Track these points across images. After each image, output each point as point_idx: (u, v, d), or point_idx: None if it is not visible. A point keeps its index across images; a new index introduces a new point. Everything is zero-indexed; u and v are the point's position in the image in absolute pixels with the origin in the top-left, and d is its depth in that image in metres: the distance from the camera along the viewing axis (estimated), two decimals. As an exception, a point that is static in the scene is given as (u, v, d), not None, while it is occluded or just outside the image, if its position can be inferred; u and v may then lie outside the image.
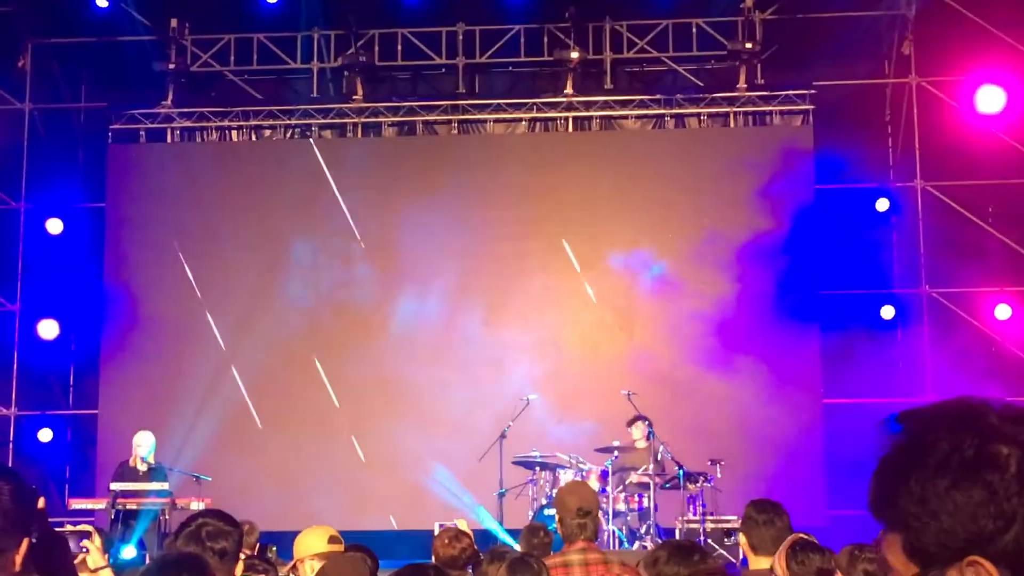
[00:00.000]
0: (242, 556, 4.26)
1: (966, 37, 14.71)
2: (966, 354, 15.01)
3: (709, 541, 11.80)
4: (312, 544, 5.48)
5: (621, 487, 12.43)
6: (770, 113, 15.57)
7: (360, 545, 5.92)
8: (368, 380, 14.98)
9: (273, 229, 15.37)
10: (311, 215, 15.40)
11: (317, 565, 5.40)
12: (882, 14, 15.28)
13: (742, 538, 5.47)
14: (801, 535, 5.03)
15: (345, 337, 15.23)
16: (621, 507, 12.29)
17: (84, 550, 4.07)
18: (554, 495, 10.51)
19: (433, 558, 6.70)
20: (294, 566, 5.53)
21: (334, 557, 5.34)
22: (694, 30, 15.49)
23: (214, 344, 15.08)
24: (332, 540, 5.48)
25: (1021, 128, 14.99)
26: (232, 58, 15.96)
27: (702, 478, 12.28)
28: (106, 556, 4.46)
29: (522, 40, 15.70)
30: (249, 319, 15.10)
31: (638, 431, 12.88)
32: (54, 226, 15.73)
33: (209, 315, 15.16)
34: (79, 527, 4.17)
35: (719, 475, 12.34)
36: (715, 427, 14.09)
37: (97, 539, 4.16)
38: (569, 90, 15.66)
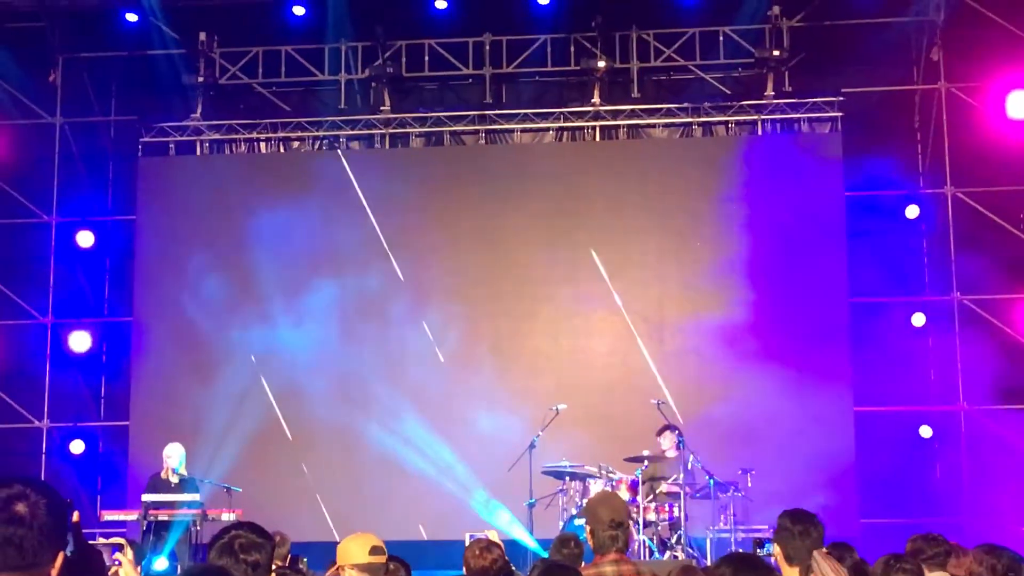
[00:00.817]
0: (273, 568, 4.27)
1: (995, 42, 14.63)
2: (998, 361, 14.89)
3: (740, 551, 11.73)
4: (354, 553, 5.46)
5: (651, 497, 12.38)
6: (798, 120, 15.52)
7: (395, 557, 5.91)
8: (396, 390, 14.99)
9: (302, 240, 15.41)
10: (339, 226, 15.44)
11: (359, 574, 5.40)
12: (910, 20, 15.21)
13: (776, 548, 5.43)
14: (823, 549, 5.04)
15: (374, 347, 15.24)
16: (651, 517, 12.23)
17: (117, 563, 4.09)
18: (584, 505, 10.49)
19: (464, 569, 6.69)
20: (336, 571, 5.53)
21: (372, 570, 5.33)
22: (721, 38, 15.46)
23: (244, 355, 15.13)
24: (374, 551, 5.46)
25: (1052, 133, 14.89)
26: (260, 70, 16.03)
27: (733, 487, 12.22)
28: (138, 568, 4.47)
29: (549, 50, 15.71)
30: (278, 330, 15.15)
31: (667, 441, 12.84)
32: (85, 239, 15.84)
33: (239, 326, 15.21)
34: (112, 540, 4.19)
35: (750, 484, 12.28)
36: (745, 436, 14.02)
37: (129, 552, 4.18)
38: (596, 99, 15.65)
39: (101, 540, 4.18)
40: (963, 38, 14.96)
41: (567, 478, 12.63)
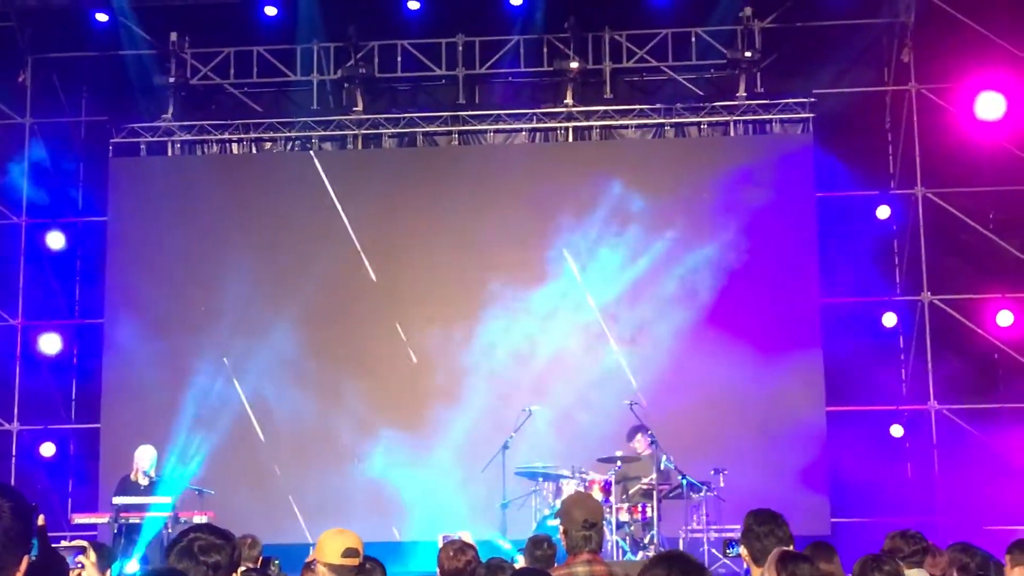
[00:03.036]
0: (241, 569, 4.25)
1: (965, 44, 14.71)
2: (968, 361, 15.00)
3: (712, 551, 11.78)
4: (328, 551, 5.38)
5: (624, 497, 12.40)
6: (770, 121, 15.57)
7: (371, 557, 5.88)
8: (369, 392, 14.96)
9: (274, 241, 15.37)
10: (312, 227, 15.40)
11: (329, 573, 5.35)
12: (881, 22, 15.28)
13: (743, 549, 5.46)
14: (785, 548, 5.07)
15: (347, 349, 15.22)
16: (624, 517, 12.25)
17: (79, 565, 4.06)
18: (558, 506, 10.48)
19: (438, 571, 6.69)
20: (309, 564, 5.49)
21: (342, 572, 5.27)
22: (693, 39, 15.49)
23: (216, 357, 15.06)
24: (348, 553, 5.38)
25: (1021, 134, 14.99)
26: (232, 71, 15.97)
27: (705, 487, 12.24)
28: (108, 572, 4.45)
29: (522, 51, 15.71)
30: (251, 332, 15.08)
31: (640, 443, 12.86)
32: (55, 240, 15.73)
33: (211, 328, 15.14)
34: (74, 543, 4.16)
35: (722, 484, 12.31)
36: (718, 436, 14.07)
37: (92, 555, 4.16)
38: (569, 100, 15.66)
39: (64, 543, 4.15)
40: (933, 40, 15.05)
41: (540, 479, 12.63)
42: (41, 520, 2.62)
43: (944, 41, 14.93)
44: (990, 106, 14.75)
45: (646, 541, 12.18)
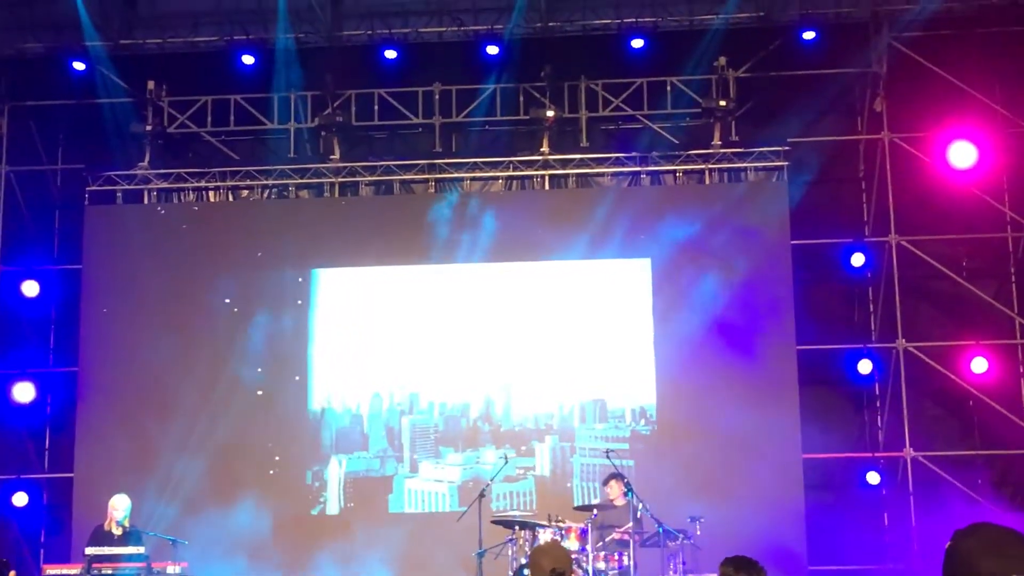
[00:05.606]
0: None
1: (937, 94, 14.89)
2: (944, 408, 15.06)
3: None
4: None
5: (601, 545, 12.35)
6: (745, 170, 15.67)
7: None
8: (345, 439, 14.90)
9: (251, 289, 15.33)
10: (289, 275, 15.37)
11: None
12: (854, 71, 15.44)
13: (720, 598, 5.45)
14: None
15: (321, 397, 15.15)
16: (601, 566, 12.18)
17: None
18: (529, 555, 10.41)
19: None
20: None
21: None
22: (668, 88, 15.60)
23: (190, 406, 14.96)
24: None
25: (993, 182, 15.15)
26: (209, 119, 15.99)
27: (682, 535, 12.21)
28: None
29: (498, 99, 15.78)
30: (227, 381, 15.01)
31: (615, 490, 12.83)
32: (30, 288, 15.66)
33: (186, 376, 15.06)
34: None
35: (699, 532, 12.28)
36: (695, 484, 14.05)
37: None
38: (545, 148, 15.74)
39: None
40: (905, 90, 15.22)
41: (516, 527, 12.56)
42: (12, 575, 2.61)
43: (916, 91, 15.10)
44: (962, 155, 14.91)
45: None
